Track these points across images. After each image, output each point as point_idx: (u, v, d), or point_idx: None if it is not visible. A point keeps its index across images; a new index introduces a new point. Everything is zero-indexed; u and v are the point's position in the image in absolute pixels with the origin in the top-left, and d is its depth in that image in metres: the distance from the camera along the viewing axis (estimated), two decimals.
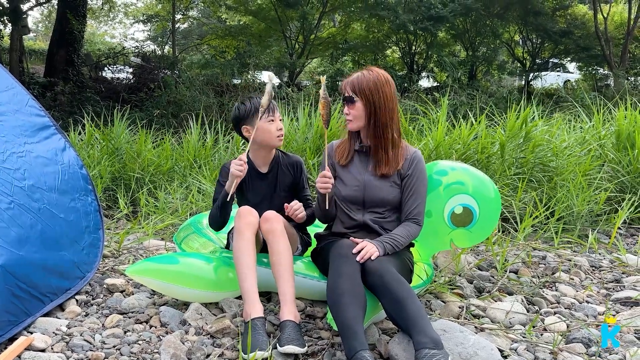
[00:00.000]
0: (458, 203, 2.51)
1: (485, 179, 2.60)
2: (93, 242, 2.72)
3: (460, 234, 2.56)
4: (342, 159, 2.40)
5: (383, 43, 15.76)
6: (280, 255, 2.20)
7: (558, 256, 3.40)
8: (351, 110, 2.31)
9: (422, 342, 1.83)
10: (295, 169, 2.58)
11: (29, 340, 2.00)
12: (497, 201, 2.58)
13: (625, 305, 2.67)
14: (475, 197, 2.51)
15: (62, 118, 8.25)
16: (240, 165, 2.29)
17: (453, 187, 2.52)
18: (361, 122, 2.32)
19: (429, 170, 2.54)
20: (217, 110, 8.49)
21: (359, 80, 2.29)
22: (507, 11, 14.47)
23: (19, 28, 11.35)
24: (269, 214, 2.29)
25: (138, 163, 4.75)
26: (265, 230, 2.26)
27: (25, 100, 2.84)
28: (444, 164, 2.68)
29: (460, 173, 2.58)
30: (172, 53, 15.33)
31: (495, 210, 2.57)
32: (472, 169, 2.65)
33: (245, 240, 2.21)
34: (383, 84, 2.29)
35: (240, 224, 2.25)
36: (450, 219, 2.52)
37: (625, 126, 4.70)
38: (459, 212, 2.51)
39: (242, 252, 2.20)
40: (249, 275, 2.17)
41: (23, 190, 2.33)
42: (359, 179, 2.36)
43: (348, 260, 2.07)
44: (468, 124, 4.62)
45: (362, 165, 2.38)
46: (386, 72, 2.37)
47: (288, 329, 2.01)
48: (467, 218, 2.52)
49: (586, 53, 15.44)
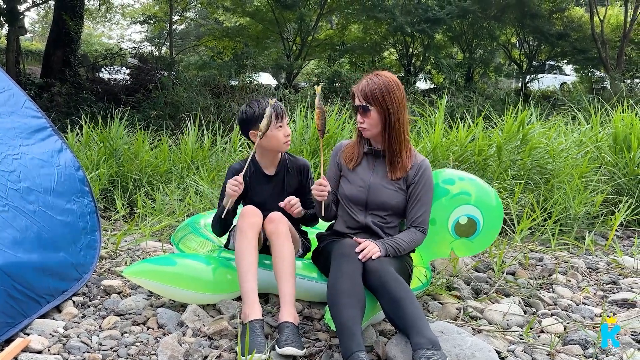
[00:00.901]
0: (463, 213, 2.51)
1: (491, 192, 2.60)
2: (90, 244, 2.72)
3: (462, 244, 2.57)
4: (351, 163, 2.39)
5: (380, 45, 15.77)
6: (283, 256, 2.20)
7: (555, 258, 3.41)
8: (366, 119, 2.28)
9: (420, 343, 1.83)
10: (302, 173, 2.56)
11: (26, 342, 1.99)
12: (500, 214, 2.59)
13: (621, 307, 2.68)
14: (480, 208, 2.52)
15: (58, 119, 8.23)
16: (235, 186, 2.28)
17: (459, 197, 2.52)
18: (377, 130, 2.30)
19: (435, 179, 2.53)
20: (214, 111, 8.48)
21: (370, 87, 2.25)
22: (504, 13, 14.49)
23: (16, 29, 11.32)
24: (274, 215, 2.28)
25: (135, 164, 4.74)
26: (269, 230, 2.25)
27: (22, 101, 2.83)
28: (452, 173, 2.67)
29: (467, 184, 2.58)
30: (170, 54, 15.30)
31: (497, 223, 2.58)
32: (480, 181, 2.64)
33: (248, 241, 2.21)
34: (395, 89, 2.26)
35: (244, 224, 2.24)
36: (454, 229, 2.53)
37: (622, 129, 4.71)
38: (464, 222, 2.51)
39: (245, 253, 2.19)
40: (250, 276, 2.16)
41: (18, 193, 2.33)
42: (364, 180, 2.36)
43: (349, 259, 2.08)
44: (465, 126, 4.63)
45: (370, 167, 2.38)
46: (394, 75, 2.34)
47: (287, 331, 2.01)
48: (470, 229, 2.52)
49: (583, 55, 15.47)
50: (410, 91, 10.57)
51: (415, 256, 2.57)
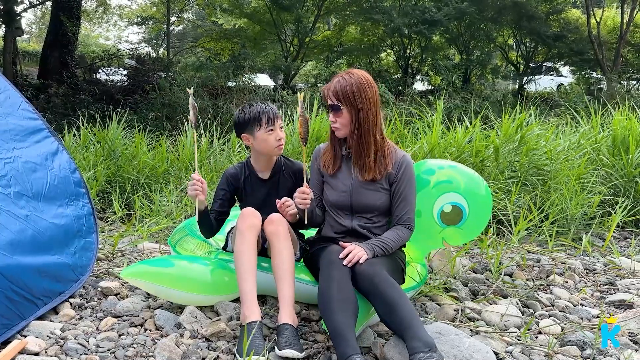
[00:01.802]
0: (447, 202, 2.51)
1: (474, 176, 2.60)
2: (86, 246, 2.71)
3: (452, 232, 2.56)
4: (330, 168, 2.36)
5: (378, 46, 15.79)
6: (283, 257, 2.19)
7: (552, 259, 3.42)
8: (338, 118, 2.26)
9: (416, 347, 1.83)
10: (297, 176, 2.54)
11: (23, 344, 1.99)
12: (488, 197, 2.58)
13: (619, 308, 2.69)
14: (463, 194, 2.51)
15: (55, 120, 8.22)
16: (193, 185, 2.30)
17: (441, 186, 2.53)
18: (348, 129, 2.27)
19: (416, 170, 2.52)
20: (212, 112, 8.47)
21: (341, 86, 2.22)
22: (501, 15, 14.53)
23: (13, 30, 11.30)
24: (274, 216, 2.27)
25: (133, 165, 4.73)
26: (269, 231, 2.24)
27: (18, 103, 2.82)
28: (432, 162, 2.68)
29: (448, 171, 2.58)
30: (167, 55, 15.30)
31: (485, 206, 2.57)
32: (461, 166, 2.65)
33: (247, 243, 2.20)
34: (366, 88, 2.22)
35: (243, 226, 2.23)
36: (440, 218, 2.53)
37: (620, 130, 4.73)
38: (448, 210, 2.51)
39: (244, 255, 2.19)
40: (249, 277, 2.16)
41: (8, 197, 2.32)
42: (346, 184, 2.33)
43: (337, 265, 2.07)
44: (463, 127, 4.64)
45: (350, 170, 2.35)
46: (367, 73, 2.30)
47: (286, 333, 2.01)
48: (456, 217, 2.52)
49: (579, 57, 15.52)
50: (408, 92, 10.58)
51: (410, 251, 2.57)
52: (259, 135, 2.39)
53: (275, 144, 2.42)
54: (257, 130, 2.40)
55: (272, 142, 2.41)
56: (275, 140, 2.41)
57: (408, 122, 5.37)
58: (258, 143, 2.41)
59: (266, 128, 2.39)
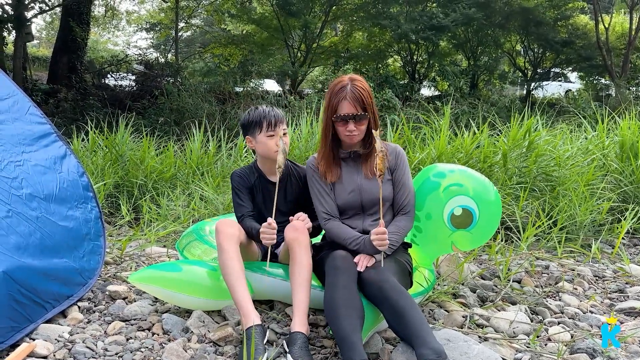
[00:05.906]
0: (457, 205, 2.51)
1: (484, 180, 2.60)
2: (94, 249, 2.72)
3: (461, 236, 2.55)
4: (332, 176, 2.37)
5: (385, 52, 15.79)
6: (302, 265, 2.20)
7: (561, 266, 3.39)
8: (360, 126, 2.30)
9: (424, 355, 1.81)
10: (305, 181, 2.54)
11: (31, 347, 1.99)
12: (497, 202, 2.57)
13: (629, 316, 2.66)
14: (474, 198, 2.51)
15: (64, 125, 8.28)
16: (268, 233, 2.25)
17: (451, 189, 2.52)
18: (365, 134, 2.33)
19: (427, 173, 2.58)
20: (219, 117, 8.50)
21: (363, 95, 2.26)
22: (508, 21, 14.50)
23: (23, 35, 11.39)
24: (298, 224, 2.28)
25: (141, 170, 4.75)
26: (291, 238, 2.25)
27: (26, 107, 2.85)
28: (442, 166, 2.69)
29: (458, 175, 2.58)
30: (175, 61, 15.38)
31: (495, 210, 2.56)
32: (471, 171, 2.65)
33: (228, 255, 2.21)
34: (371, 92, 2.33)
35: (220, 239, 2.24)
36: (450, 221, 2.52)
37: (629, 136, 4.70)
38: (459, 213, 2.50)
39: (228, 267, 2.20)
40: (238, 287, 2.17)
41: (20, 199, 2.34)
42: (353, 184, 2.36)
43: (342, 271, 2.08)
44: (470, 133, 4.63)
45: (353, 170, 2.38)
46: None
47: (299, 343, 2.00)
48: (467, 219, 2.51)
49: (587, 63, 15.46)
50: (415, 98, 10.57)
51: (419, 256, 2.56)
52: (260, 138, 2.44)
53: (275, 148, 2.42)
54: (258, 134, 2.44)
55: (271, 147, 2.43)
56: (276, 145, 2.42)
57: (415, 128, 5.37)
58: (259, 146, 2.46)
59: (267, 132, 2.42)
